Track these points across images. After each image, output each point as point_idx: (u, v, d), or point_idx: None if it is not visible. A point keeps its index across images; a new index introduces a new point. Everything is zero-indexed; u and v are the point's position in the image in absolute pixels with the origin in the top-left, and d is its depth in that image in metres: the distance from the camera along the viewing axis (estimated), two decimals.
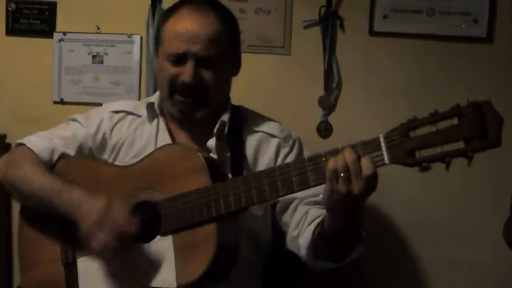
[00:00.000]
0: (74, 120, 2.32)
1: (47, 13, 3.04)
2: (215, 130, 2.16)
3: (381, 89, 2.83)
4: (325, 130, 2.85)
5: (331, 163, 1.73)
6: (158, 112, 2.24)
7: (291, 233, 2.13)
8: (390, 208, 2.82)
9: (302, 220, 2.10)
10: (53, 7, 3.03)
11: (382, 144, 1.71)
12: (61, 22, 3.03)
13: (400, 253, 2.88)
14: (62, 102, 3.04)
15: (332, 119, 2.86)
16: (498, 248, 2.76)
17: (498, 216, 2.75)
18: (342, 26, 2.84)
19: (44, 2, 3.03)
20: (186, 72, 2.09)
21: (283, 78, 2.90)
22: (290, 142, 2.22)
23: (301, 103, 2.88)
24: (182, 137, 2.23)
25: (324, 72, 2.84)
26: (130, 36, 2.98)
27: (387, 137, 1.71)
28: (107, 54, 3.00)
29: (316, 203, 2.11)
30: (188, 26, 2.10)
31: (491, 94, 2.66)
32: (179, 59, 2.10)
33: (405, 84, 2.82)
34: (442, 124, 1.65)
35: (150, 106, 2.25)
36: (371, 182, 1.73)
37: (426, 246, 2.85)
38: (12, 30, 3.07)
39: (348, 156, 1.72)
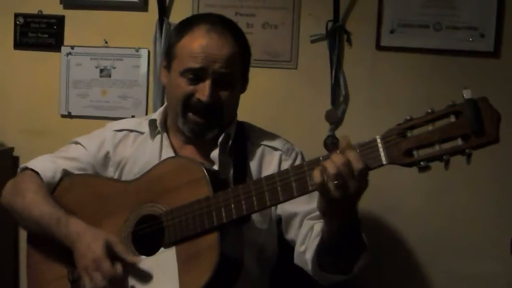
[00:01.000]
0: (76, 143, 2.34)
1: (55, 27, 3.06)
2: (219, 140, 2.17)
3: (388, 104, 2.83)
4: (332, 144, 2.85)
5: (317, 175, 1.70)
6: (160, 129, 2.24)
7: (298, 248, 2.12)
8: (395, 222, 2.81)
9: (308, 235, 2.09)
10: (61, 21, 3.05)
11: (380, 145, 1.69)
12: (69, 36, 3.05)
13: (406, 267, 2.86)
14: (69, 115, 3.05)
15: (339, 133, 2.86)
16: (506, 262, 2.76)
17: (505, 230, 2.76)
18: (349, 41, 2.85)
19: (52, 16, 3.05)
20: (204, 90, 2.09)
21: (290, 92, 2.90)
22: (293, 154, 2.23)
23: (308, 117, 2.88)
24: (186, 152, 2.23)
25: (331, 86, 2.84)
26: (137, 50, 2.99)
27: (384, 137, 1.69)
28: (114, 68, 3.02)
29: (320, 218, 2.09)
30: (208, 44, 2.11)
31: (499, 109, 2.68)
32: (196, 77, 2.11)
33: (412, 98, 2.82)
34: (440, 123, 1.63)
35: (152, 123, 2.26)
36: (363, 177, 1.70)
37: (432, 260, 2.84)
38: (20, 44, 3.09)
39: (337, 159, 1.70)
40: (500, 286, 2.81)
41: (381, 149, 1.69)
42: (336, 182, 1.68)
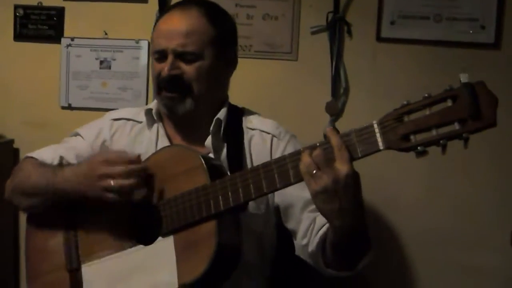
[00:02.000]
0: (76, 134, 2.36)
1: (55, 18, 3.05)
2: (211, 128, 2.18)
3: (389, 95, 2.82)
4: None
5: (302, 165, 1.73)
6: (156, 118, 2.26)
7: (300, 241, 2.12)
8: (395, 215, 2.81)
9: (310, 229, 2.09)
10: (61, 12, 3.05)
11: (376, 130, 1.69)
12: (69, 27, 3.05)
13: (406, 260, 2.87)
14: (69, 107, 3.05)
15: (339, 125, 2.85)
16: (506, 254, 2.77)
17: (506, 222, 2.76)
18: (349, 32, 2.84)
19: (52, 7, 3.04)
20: (166, 66, 2.13)
21: (291, 83, 2.90)
22: (286, 137, 2.23)
23: (308, 109, 2.88)
24: (180, 140, 2.24)
25: (332, 78, 2.84)
26: (137, 41, 2.98)
27: (381, 123, 1.69)
28: (114, 60, 3.01)
29: None
30: (168, 24, 2.16)
31: (499, 99, 2.68)
32: (161, 56, 2.16)
33: (412, 90, 2.81)
34: (437, 107, 1.62)
35: (148, 112, 2.27)
36: (345, 173, 1.70)
37: (433, 253, 2.84)
38: (20, 36, 3.09)
39: (313, 155, 1.72)
40: (501, 278, 2.81)
41: (378, 134, 1.69)
42: (315, 172, 1.71)
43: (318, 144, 1.76)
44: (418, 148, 1.63)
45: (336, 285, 2.48)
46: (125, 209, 2.05)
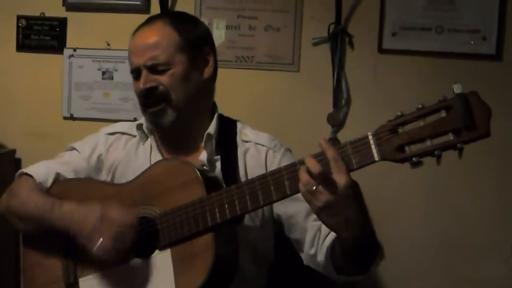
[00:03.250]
0: (72, 148, 2.34)
1: (57, 29, 3.06)
2: (203, 143, 2.17)
3: (390, 106, 2.82)
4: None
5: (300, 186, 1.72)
6: (146, 132, 2.25)
7: (307, 251, 2.11)
8: (395, 224, 2.80)
9: (317, 238, 2.08)
10: (63, 23, 3.06)
11: (371, 142, 1.69)
12: (71, 38, 3.06)
13: (406, 269, 2.86)
14: (72, 117, 3.06)
15: (341, 136, 2.86)
16: (508, 265, 2.76)
17: (507, 232, 2.76)
18: (351, 43, 2.85)
19: (55, 18, 3.05)
20: (140, 82, 2.13)
21: (292, 95, 2.90)
22: (281, 150, 2.21)
23: (310, 120, 2.88)
24: (172, 154, 2.22)
25: (333, 89, 2.85)
26: None
27: (375, 134, 1.69)
28: (116, 70, 3.02)
29: None
30: (136, 41, 2.17)
31: (500, 111, 2.68)
32: (137, 75, 2.15)
33: (413, 101, 2.75)
34: (431, 118, 1.63)
35: (139, 127, 2.26)
36: (343, 184, 1.69)
37: (433, 262, 2.84)
38: (22, 46, 3.10)
39: (310, 165, 1.69)
40: None
41: (373, 146, 1.69)
42: (313, 188, 1.69)
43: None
44: (413, 159, 1.64)
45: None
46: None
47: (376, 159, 1.69)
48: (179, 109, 2.14)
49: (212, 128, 2.19)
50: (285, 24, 2.88)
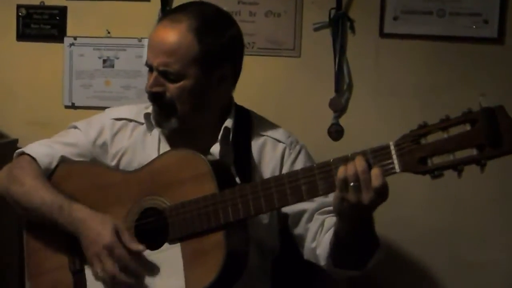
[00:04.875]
0: (75, 127, 2.31)
1: (57, 18, 3.05)
2: (219, 137, 2.13)
3: (392, 91, 2.82)
4: (336, 132, 2.85)
5: (341, 172, 1.71)
6: (153, 123, 2.18)
7: (309, 245, 2.11)
8: (398, 210, 2.79)
9: (319, 231, 2.09)
10: (63, 12, 3.05)
11: (393, 152, 1.68)
12: (72, 26, 3.05)
13: (410, 255, 2.86)
14: (73, 106, 3.05)
15: (343, 121, 2.85)
16: (509, 251, 2.76)
17: (509, 219, 2.76)
18: (352, 28, 2.84)
19: (55, 7, 3.04)
20: (148, 81, 2.08)
21: (294, 80, 2.89)
22: (297, 148, 2.20)
23: (312, 105, 2.88)
24: (183, 146, 2.17)
25: (335, 74, 2.84)
26: (140, 40, 2.98)
27: (397, 144, 1.67)
28: (117, 58, 3.01)
29: (331, 212, 2.05)
30: (156, 37, 2.07)
31: (503, 94, 2.68)
32: (150, 69, 2.09)
33: (415, 85, 2.81)
34: (454, 130, 1.61)
35: (147, 116, 2.21)
36: (381, 192, 1.70)
37: (438, 249, 2.83)
38: (22, 35, 3.08)
39: (359, 165, 1.70)
40: (506, 274, 2.81)
41: (394, 156, 1.67)
42: (352, 184, 1.70)
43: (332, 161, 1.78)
44: (435, 172, 1.63)
45: (341, 284, 2.49)
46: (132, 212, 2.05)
47: (398, 170, 1.68)
48: (183, 119, 2.10)
49: (229, 123, 2.15)
50: (286, 10, 2.87)
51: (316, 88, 2.87)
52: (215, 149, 2.13)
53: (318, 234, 2.08)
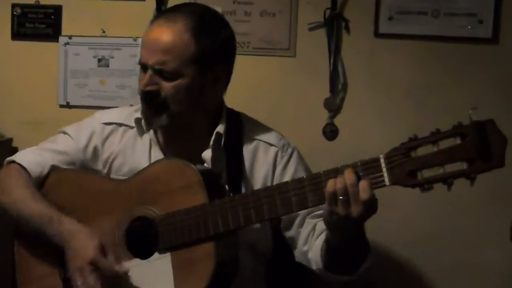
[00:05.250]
0: (65, 133, 2.29)
1: (52, 17, 3.05)
2: (211, 142, 2.12)
3: (387, 91, 2.82)
4: (330, 132, 2.85)
5: (330, 185, 1.72)
6: (145, 128, 2.18)
7: (300, 248, 2.12)
8: (394, 214, 2.79)
9: (310, 235, 2.09)
10: (58, 10, 3.04)
11: (383, 165, 1.68)
12: (67, 25, 3.04)
13: (405, 255, 2.87)
14: (68, 105, 3.05)
15: (337, 121, 2.86)
16: (506, 250, 2.76)
17: (505, 217, 2.76)
18: (347, 28, 2.84)
19: (50, 6, 3.04)
20: (143, 80, 2.06)
21: (288, 80, 2.90)
22: (289, 151, 2.18)
23: (307, 105, 2.88)
24: (175, 152, 2.18)
25: (330, 74, 2.84)
26: (135, 39, 2.98)
27: (387, 157, 1.67)
28: (112, 58, 3.01)
29: (321, 216, 2.02)
30: (151, 36, 2.06)
31: (497, 95, 2.69)
32: (144, 68, 2.07)
33: (410, 85, 2.82)
34: (444, 143, 1.62)
35: (137, 121, 2.19)
36: (370, 205, 1.71)
37: (433, 251, 2.84)
38: (17, 34, 3.08)
39: (348, 178, 1.70)
40: (500, 274, 2.81)
41: (384, 169, 1.68)
42: (341, 198, 1.70)
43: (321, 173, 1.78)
44: (425, 186, 1.64)
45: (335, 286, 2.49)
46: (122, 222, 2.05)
47: (387, 183, 1.69)
48: (174, 117, 2.08)
49: (221, 128, 2.14)
50: (281, 10, 2.87)
51: (311, 88, 2.87)
52: (207, 154, 2.12)
53: (310, 238, 2.09)
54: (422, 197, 2.72)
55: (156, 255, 1.99)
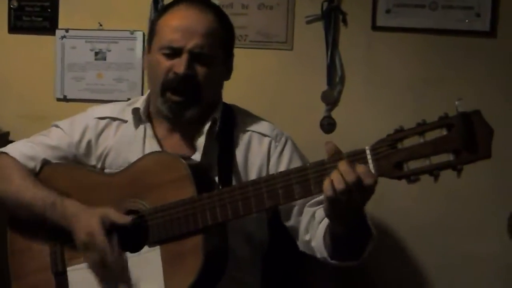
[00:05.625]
0: (57, 127, 2.29)
1: (49, 10, 3.04)
2: (206, 127, 2.14)
3: (384, 84, 2.82)
4: (328, 125, 2.85)
5: (328, 188, 1.69)
6: (143, 118, 2.20)
7: (302, 237, 2.12)
8: (390, 203, 2.80)
9: (311, 224, 2.09)
10: (55, 4, 3.04)
11: (369, 157, 1.67)
12: (63, 19, 3.04)
13: (402, 248, 2.87)
14: (65, 99, 3.04)
15: (335, 114, 2.86)
16: (503, 242, 2.77)
17: (502, 210, 2.76)
18: (344, 21, 2.84)
19: None
20: (181, 63, 2.06)
21: (286, 73, 2.89)
22: (282, 140, 2.19)
23: (304, 98, 2.87)
24: (170, 141, 2.19)
25: (327, 67, 2.84)
26: (132, 32, 2.97)
27: (373, 149, 1.67)
28: (109, 51, 3.01)
29: (320, 203, 2.06)
30: (185, 20, 2.09)
31: (494, 88, 2.69)
32: (174, 51, 2.08)
33: (408, 78, 2.82)
34: (430, 134, 1.61)
35: (135, 111, 2.21)
36: (372, 189, 1.70)
37: (431, 242, 2.84)
38: (14, 28, 3.07)
39: (346, 174, 1.67)
40: (498, 266, 2.81)
41: (370, 161, 1.67)
42: (341, 188, 1.68)
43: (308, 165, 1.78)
44: (411, 177, 1.63)
45: (334, 277, 2.49)
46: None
47: None
48: (203, 106, 2.11)
49: (218, 113, 2.17)
50: (278, 2, 2.86)
51: (308, 81, 2.87)
52: (200, 141, 2.14)
53: (311, 226, 2.09)
54: (419, 191, 2.78)
55: (145, 248, 1.99)
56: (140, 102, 2.24)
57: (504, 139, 2.76)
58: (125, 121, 2.24)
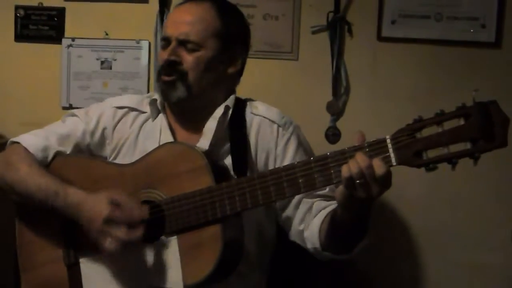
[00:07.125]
0: (73, 115, 2.31)
1: (55, 19, 3.06)
2: (218, 113, 2.17)
3: (389, 94, 2.83)
4: (333, 135, 2.85)
5: (345, 171, 1.74)
6: (160, 108, 2.23)
7: (296, 227, 2.15)
8: (397, 212, 2.81)
9: (307, 214, 2.12)
10: (61, 13, 3.05)
11: (389, 146, 1.72)
12: (70, 28, 3.05)
13: (406, 256, 2.87)
14: (71, 107, 3.05)
15: (340, 124, 2.86)
16: (507, 252, 2.76)
17: (506, 220, 2.76)
18: (350, 31, 2.84)
19: (53, 8, 3.05)
20: (166, 51, 2.15)
21: (291, 83, 2.90)
22: (290, 129, 2.23)
23: (309, 108, 2.88)
24: (183, 133, 2.22)
25: (332, 77, 2.84)
26: (138, 42, 2.98)
27: (394, 138, 1.71)
28: (115, 60, 3.02)
29: (318, 196, 2.13)
30: (177, 13, 2.19)
31: (500, 99, 2.67)
32: (166, 44, 2.17)
33: (413, 89, 2.82)
34: (448, 124, 1.65)
35: (153, 102, 2.25)
36: (386, 180, 1.74)
37: (435, 250, 2.84)
38: (21, 36, 3.09)
39: (361, 160, 1.72)
40: (503, 275, 2.81)
41: (391, 150, 1.71)
42: (358, 181, 1.72)
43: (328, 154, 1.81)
44: (430, 165, 1.65)
45: (337, 279, 2.49)
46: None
47: (394, 163, 1.73)
48: (191, 90, 2.14)
49: (230, 102, 2.20)
50: (284, 13, 2.87)
51: (313, 91, 2.88)
52: (210, 125, 2.16)
53: (307, 217, 2.11)
54: (424, 196, 2.78)
55: (162, 238, 1.99)
56: (158, 95, 2.26)
57: (508, 151, 2.77)
58: (143, 112, 2.26)
